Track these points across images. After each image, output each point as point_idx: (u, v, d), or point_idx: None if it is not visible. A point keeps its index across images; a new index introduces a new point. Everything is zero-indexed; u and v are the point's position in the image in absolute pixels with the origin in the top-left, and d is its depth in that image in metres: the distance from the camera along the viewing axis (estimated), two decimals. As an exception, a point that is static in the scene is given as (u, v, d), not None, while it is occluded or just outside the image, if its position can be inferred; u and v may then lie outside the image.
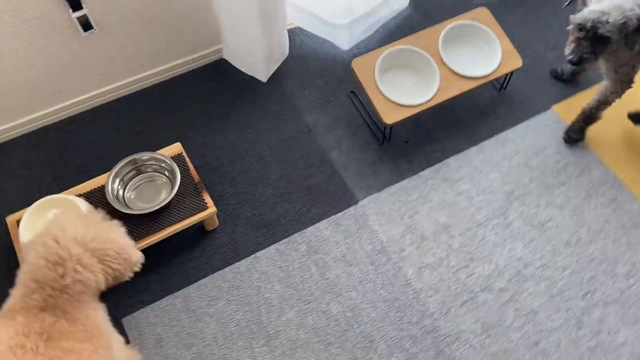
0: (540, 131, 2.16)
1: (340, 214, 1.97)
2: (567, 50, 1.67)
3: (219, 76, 2.28)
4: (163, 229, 1.75)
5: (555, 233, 1.93)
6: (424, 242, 1.91)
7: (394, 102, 1.97)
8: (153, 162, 1.85)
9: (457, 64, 2.05)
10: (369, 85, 2.00)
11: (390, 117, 1.96)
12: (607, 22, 1.56)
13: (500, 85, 2.25)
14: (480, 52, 2.12)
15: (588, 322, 1.76)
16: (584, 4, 1.64)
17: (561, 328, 1.76)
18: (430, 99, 1.98)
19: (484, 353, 1.72)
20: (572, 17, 1.65)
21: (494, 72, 2.04)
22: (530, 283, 1.83)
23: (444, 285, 1.83)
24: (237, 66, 2.29)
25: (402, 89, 2.05)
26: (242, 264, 1.87)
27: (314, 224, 1.95)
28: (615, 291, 1.82)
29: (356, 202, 2.00)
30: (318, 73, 2.29)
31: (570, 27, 1.66)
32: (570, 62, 1.66)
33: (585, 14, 1.60)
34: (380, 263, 1.87)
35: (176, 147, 1.90)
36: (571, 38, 1.67)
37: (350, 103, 2.22)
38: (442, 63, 2.05)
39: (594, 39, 1.61)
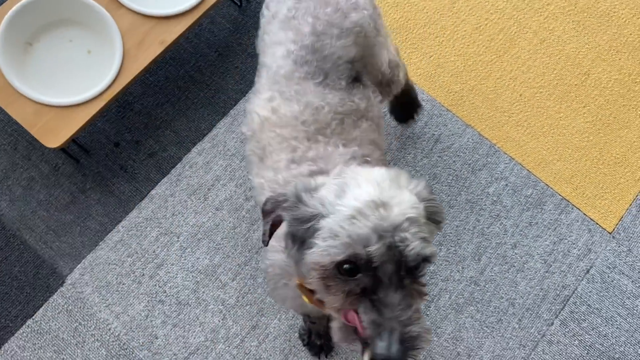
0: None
1: (40, 311, 1.18)
2: None
3: None
4: None
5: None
6: (182, 310, 1.21)
7: (56, 106, 1.12)
8: None
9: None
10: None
11: (56, 135, 1.11)
12: None
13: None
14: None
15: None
16: None
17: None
18: (118, 74, 1.15)
19: None
20: None
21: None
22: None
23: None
24: None
25: (68, 70, 1.17)
26: None
27: None
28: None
29: (62, 283, 1.21)
30: None
31: None
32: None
33: None
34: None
35: None
36: None
37: None
38: (118, 5, 1.18)
39: None
